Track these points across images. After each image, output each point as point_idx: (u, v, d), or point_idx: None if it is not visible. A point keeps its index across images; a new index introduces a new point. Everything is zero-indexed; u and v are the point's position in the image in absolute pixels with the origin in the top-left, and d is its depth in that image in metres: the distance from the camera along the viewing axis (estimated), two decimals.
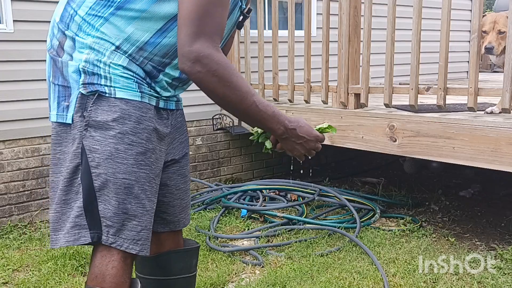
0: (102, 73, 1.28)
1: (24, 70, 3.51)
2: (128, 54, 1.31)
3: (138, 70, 1.33)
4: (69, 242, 1.30)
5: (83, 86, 1.28)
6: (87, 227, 1.29)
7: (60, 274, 2.75)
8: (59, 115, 1.33)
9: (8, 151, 3.51)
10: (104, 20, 1.29)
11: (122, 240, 1.30)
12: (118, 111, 1.28)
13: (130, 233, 1.31)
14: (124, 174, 1.29)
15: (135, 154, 1.30)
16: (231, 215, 3.68)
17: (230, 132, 4.40)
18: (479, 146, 2.74)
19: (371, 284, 2.59)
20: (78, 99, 1.29)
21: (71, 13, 1.31)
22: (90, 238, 1.29)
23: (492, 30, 2.85)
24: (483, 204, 3.99)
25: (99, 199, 1.29)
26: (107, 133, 1.28)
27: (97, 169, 1.28)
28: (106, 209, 1.29)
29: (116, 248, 1.30)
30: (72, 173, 1.31)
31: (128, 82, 1.31)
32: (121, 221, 1.30)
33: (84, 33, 1.29)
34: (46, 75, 1.39)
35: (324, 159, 5.41)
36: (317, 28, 4.99)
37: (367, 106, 3.42)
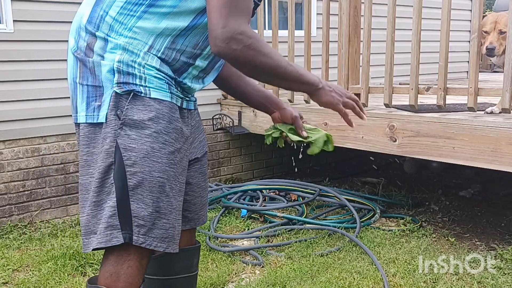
0: (137, 73, 1.30)
1: (24, 70, 3.51)
2: (161, 52, 1.33)
3: (168, 71, 1.35)
4: (101, 244, 1.29)
5: (118, 85, 1.29)
6: (119, 227, 1.29)
7: (60, 274, 2.75)
8: (88, 116, 1.33)
9: (8, 151, 3.51)
10: (136, 19, 1.30)
11: (151, 239, 1.31)
12: (153, 111, 1.30)
13: (159, 232, 1.32)
14: (159, 173, 1.30)
15: (168, 153, 1.32)
16: (231, 215, 3.68)
17: (230, 132, 4.40)
18: (479, 146, 2.74)
19: (371, 284, 2.59)
20: (112, 98, 1.29)
21: (101, 14, 1.32)
22: (123, 239, 1.29)
23: (493, 30, 2.85)
24: (483, 204, 3.99)
25: (131, 198, 1.29)
26: (143, 132, 1.29)
27: (132, 168, 1.28)
28: (139, 208, 1.30)
29: (146, 247, 1.31)
30: (104, 173, 1.30)
31: (160, 82, 1.33)
32: (153, 220, 1.31)
33: (116, 33, 1.31)
34: (70, 77, 1.39)
35: (324, 159, 5.41)
36: (317, 28, 4.99)
37: (367, 106, 3.42)
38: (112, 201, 1.29)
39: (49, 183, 3.69)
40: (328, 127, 3.55)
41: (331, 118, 3.53)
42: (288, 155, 5.06)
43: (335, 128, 3.51)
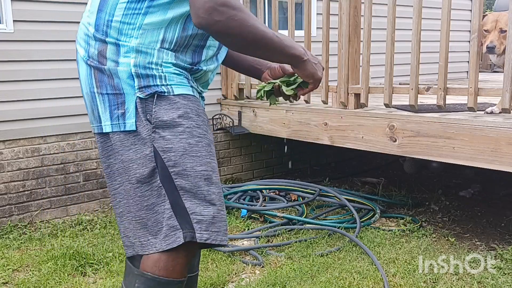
0: (156, 73, 1.30)
1: (24, 70, 3.51)
2: (173, 44, 1.32)
3: (185, 63, 1.36)
4: (168, 246, 1.31)
5: (140, 90, 1.30)
6: (180, 227, 1.30)
7: (60, 274, 2.75)
8: (114, 125, 1.33)
9: (8, 151, 3.51)
10: (143, 16, 1.30)
11: (215, 234, 1.32)
12: (181, 107, 1.31)
13: (221, 224, 1.33)
14: (202, 166, 1.32)
15: (205, 145, 1.34)
16: (231, 215, 3.68)
17: (230, 132, 4.40)
18: (479, 146, 2.74)
19: (371, 284, 2.59)
20: (138, 104, 1.30)
21: (107, 19, 1.32)
22: (183, 238, 1.30)
23: (494, 29, 2.85)
24: (483, 204, 3.99)
25: (183, 197, 1.30)
26: (176, 130, 1.30)
27: (175, 168, 1.30)
28: (193, 204, 1.31)
29: (212, 243, 1.32)
30: (149, 177, 1.32)
31: (180, 78, 1.34)
32: (212, 213, 1.32)
33: (127, 36, 1.30)
34: (86, 87, 1.38)
35: (324, 159, 5.41)
36: (317, 28, 4.99)
37: (367, 106, 3.42)
38: (166, 203, 1.31)
39: (49, 183, 3.69)
40: (328, 127, 3.55)
41: (331, 118, 3.53)
42: (288, 155, 5.06)
43: (335, 128, 3.51)
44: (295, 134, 3.85)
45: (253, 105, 4.20)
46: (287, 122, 3.87)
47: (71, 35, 3.61)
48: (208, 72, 1.45)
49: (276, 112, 3.97)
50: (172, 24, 1.32)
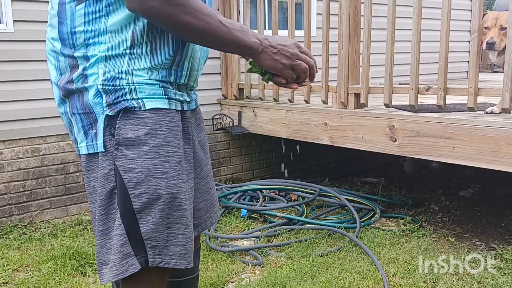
0: (125, 85, 1.19)
1: (24, 70, 3.51)
2: (145, 35, 1.20)
3: (164, 59, 1.23)
4: (119, 276, 1.21)
5: (108, 107, 1.19)
6: (133, 254, 1.21)
7: (60, 274, 2.75)
8: (89, 146, 1.23)
9: (8, 151, 3.51)
10: (106, 17, 1.18)
11: (169, 257, 1.24)
12: (148, 123, 1.20)
13: (177, 248, 1.25)
14: (166, 189, 1.21)
15: (174, 164, 1.22)
16: (231, 215, 3.68)
17: (230, 132, 4.40)
18: (479, 146, 2.74)
19: (371, 284, 2.59)
20: (106, 122, 1.20)
21: (69, 31, 1.21)
22: (139, 265, 1.22)
23: (494, 26, 2.85)
24: (483, 204, 3.99)
25: (140, 221, 1.21)
26: (141, 149, 1.19)
27: (135, 190, 1.19)
28: (150, 230, 1.21)
29: (165, 266, 1.24)
30: (107, 199, 1.22)
31: (153, 88, 1.22)
32: (166, 237, 1.23)
33: (95, 45, 1.19)
34: (60, 109, 1.29)
35: (324, 159, 5.41)
36: (317, 28, 4.99)
37: (367, 106, 3.42)
38: (120, 228, 1.21)
39: (49, 183, 3.69)
40: (328, 127, 3.55)
41: (331, 118, 3.53)
42: (288, 155, 5.06)
43: (335, 128, 3.51)
44: (295, 134, 3.85)
45: (253, 105, 4.20)
46: (287, 122, 3.87)
47: None
48: (196, 59, 1.32)
49: (276, 112, 3.97)
50: (139, 20, 1.19)
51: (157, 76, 1.23)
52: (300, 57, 1.25)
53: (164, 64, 1.24)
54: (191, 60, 1.30)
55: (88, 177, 1.26)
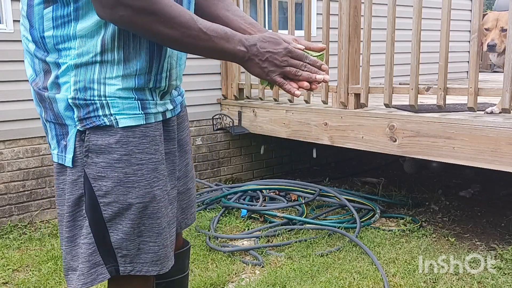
0: (96, 99, 1.13)
1: (24, 70, 3.49)
2: (116, 38, 1.12)
3: (138, 76, 1.16)
4: (87, 284, 1.18)
5: (80, 122, 1.14)
6: (103, 263, 1.19)
7: (60, 274, 2.75)
8: (59, 156, 1.20)
9: (8, 151, 3.51)
10: (75, 22, 1.11)
11: (140, 265, 1.22)
12: (120, 131, 1.15)
13: (148, 256, 1.22)
14: (137, 198, 1.17)
15: (146, 173, 1.18)
16: (231, 215, 3.68)
17: (230, 132, 4.40)
18: (479, 146, 2.74)
19: (371, 284, 2.59)
20: (77, 137, 1.15)
21: (39, 35, 1.15)
22: (109, 273, 1.20)
23: (494, 27, 2.85)
24: (483, 204, 3.99)
25: (110, 229, 1.18)
26: (111, 156, 1.14)
27: (105, 198, 1.16)
28: (120, 239, 1.19)
29: (136, 274, 1.22)
30: (74, 206, 1.18)
31: (127, 102, 1.15)
32: (137, 246, 1.21)
33: (65, 50, 1.13)
34: (37, 110, 1.24)
35: (324, 159, 5.41)
36: (317, 28, 4.99)
37: (367, 106, 3.42)
38: (89, 237, 1.17)
39: (49, 183, 3.69)
40: (328, 127, 3.55)
41: (331, 118, 3.53)
42: (288, 155, 5.06)
43: (335, 128, 3.51)
44: (295, 134, 3.85)
45: (253, 105, 4.20)
46: (287, 122, 3.87)
47: None
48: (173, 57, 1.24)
49: (276, 112, 3.97)
50: (108, 23, 1.12)
51: (133, 83, 1.16)
52: (292, 63, 1.17)
53: (140, 70, 1.17)
54: (168, 59, 1.23)
55: (57, 178, 1.23)
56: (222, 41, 1.12)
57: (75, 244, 1.20)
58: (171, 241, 1.30)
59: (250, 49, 1.14)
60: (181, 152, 1.41)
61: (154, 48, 1.18)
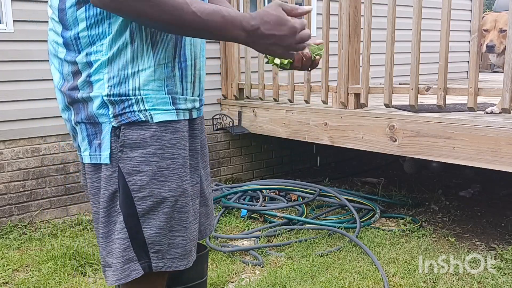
0: (131, 95, 1.16)
1: (24, 70, 3.51)
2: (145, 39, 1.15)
3: (167, 65, 1.19)
4: (121, 280, 1.20)
5: (114, 118, 1.16)
6: (136, 259, 1.20)
7: (60, 274, 2.75)
8: (92, 156, 1.21)
9: (8, 151, 3.51)
10: (107, 19, 1.14)
11: (170, 261, 1.24)
12: (154, 126, 1.18)
13: (177, 251, 1.24)
14: (170, 192, 1.19)
15: (178, 166, 1.21)
16: (231, 215, 3.68)
17: (230, 132, 4.40)
18: (479, 146, 2.74)
19: (371, 284, 2.59)
20: (112, 133, 1.18)
21: (73, 37, 1.18)
22: (142, 270, 1.21)
23: (493, 28, 2.85)
24: (483, 204, 3.99)
25: (143, 224, 1.19)
26: (146, 151, 1.16)
27: (140, 193, 1.17)
28: (154, 234, 1.20)
29: (167, 270, 1.23)
30: (108, 201, 1.20)
31: (161, 97, 1.18)
32: (168, 241, 1.22)
33: (98, 47, 1.16)
34: (64, 115, 1.26)
35: (324, 159, 5.41)
36: (317, 28, 4.99)
37: (367, 106, 3.42)
38: (122, 232, 1.19)
39: (49, 183, 3.69)
40: (328, 127, 3.55)
41: (331, 118, 3.53)
42: (288, 155, 5.06)
43: (335, 128, 3.51)
44: (295, 134, 3.85)
45: (253, 105, 4.20)
46: (287, 122, 3.87)
47: None
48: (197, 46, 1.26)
49: (276, 112, 3.98)
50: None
51: (163, 72, 1.19)
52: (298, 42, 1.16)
53: (167, 57, 1.20)
54: (192, 47, 1.25)
55: (91, 178, 1.24)
56: (220, 26, 1.09)
57: (110, 240, 1.22)
58: (195, 236, 1.32)
59: (253, 33, 1.11)
60: (202, 154, 1.42)
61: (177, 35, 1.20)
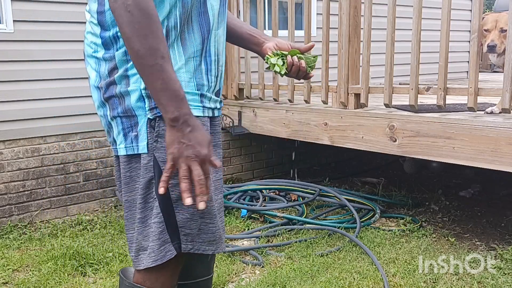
0: None
1: (24, 70, 3.51)
2: (178, 27, 1.22)
3: (195, 59, 1.27)
4: (157, 261, 1.26)
5: (150, 111, 1.23)
6: (170, 240, 1.27)
7: (60, 274, 2.75)
8: (128, 147, 1.28)
9: (8, 151, 3.51)
10: None
11: (199, 244, 1.30)
12: None
13: (206, 236, 1.31)
14: None
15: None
16: (231, 215, 3.68)
17: (230, 132, 4.40)
18: (479, 146, 2.74)
19: (371, 284, 2.59)
20: (148, 124, 1.24)
21: (112, 36, 1.24)
22: (175, 250, 1.27)
23: (494, 28, 2.85)
24: (483, 204, 3.99)
25: (176, 209, 1.26)
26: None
27: (173, 180, 1.21)
28: (185, 218, 1.27)
29: (195, 252, 1.30)
30: (145, 189, 1.27)
31: (191, 95, 1.25)
32: (198, 226, 1.29)
33: None
34: (100, 111, 1.33)
35: (324, 159, 5.41)
36: (317, 28, 4.99)
37: (367, 106, 3.42)
38: (159, 216, 1.26)
39: (49, 183, 3.69)
40: (328, 127, 3.55)
41: (331, 118, 3.53)
42: (288, 155, 5.06)
43: (335, 128, 3.51)
44: (295, 134, 3.85)
45: (253, 105, 4.20)
46: (287, 122, 3.87)
47: (71, 35, 3.62)
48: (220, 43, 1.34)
49: (276, 112, 3.97)
50: (172, 8, 1.21)
51: (192, 67, 1.26)
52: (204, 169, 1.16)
53: (196, 51, 1.27)
54: (216, 44, 1.33)
55: (124, 168, 1.30)
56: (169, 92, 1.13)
57: (146, 224, 1.28)
58: (223, 225, 1.39)
59: (183, 123, 1.14)
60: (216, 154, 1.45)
61: (204, 28, 1.27)
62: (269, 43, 1.54)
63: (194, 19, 1.26)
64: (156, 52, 1.12)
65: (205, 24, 1.28)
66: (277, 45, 1.52)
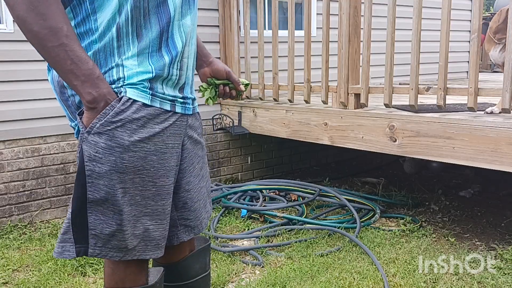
0: (115, 89, 1.19)
1: (24, 70, 3.51)
2: (130, 21, 1.17)
3: (151, 54, 1.20)
4: (55, 254, 1.24)
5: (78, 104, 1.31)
6: (73, 241, 1.24)
7: (60, 274, 2.75)
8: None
9: (8, 151, 3.51)
10: (92, 14, 1.17)
11: (107, 249, 1.24)
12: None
13: (118, 243, 1.24)
14: (127, 187, 1.26)
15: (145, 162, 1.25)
16: (231, 215, 3.68)
17: (230, 132, 4.40)
18: (479, 146, 2.74)
19: (371, 284, 2.59)
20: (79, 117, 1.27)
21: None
22: (75, 253, 1.23)
23: None
24: (483, 204, 3.99)
25: (89, 210, 1.21)
26: (114, 140, 1.21)
27: (95, 180, 1.22)
28: (97, 220, 1.22)
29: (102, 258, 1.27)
30: (76, 180, 1.29)
31: (139, 82, 1.20)
32: (113, 233, 1.23)
33: (89, 44, 1.20)
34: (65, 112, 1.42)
35: (324, 159, 5.41)
36: (317, 28, 4.99)
37: (367, 106, 3.42)
38: (69, 212, 1.21)
39: (49, 183, 3.69)
40: (328, 127, 3.55)
41: (331, 118, 3.53)
42: (289, 155, 5.06)
43: (335, 128, 3.51)
44: (295, 134, 3.85)
45: (253, 105, 4.20)
46: (287, 122, 3.87)
47: None
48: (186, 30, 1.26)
49: (276, 112, 3.98)
50: (123, 4, 1.16)
51: (144, 60, 1.19)
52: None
53: (152, 42, 1.20)
54: (182, 34, 1.26)
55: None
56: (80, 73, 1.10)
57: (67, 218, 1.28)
58: (164, 230, 1.33)
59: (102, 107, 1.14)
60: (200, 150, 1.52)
61: (163, 21, 1.21)
62: (205, 68, 1.54)
63: (152, 11, 1.19)
64: (59, 31, 1.04)
65: (164, 15, 1.21)
66: (212, 72, 1.54)
